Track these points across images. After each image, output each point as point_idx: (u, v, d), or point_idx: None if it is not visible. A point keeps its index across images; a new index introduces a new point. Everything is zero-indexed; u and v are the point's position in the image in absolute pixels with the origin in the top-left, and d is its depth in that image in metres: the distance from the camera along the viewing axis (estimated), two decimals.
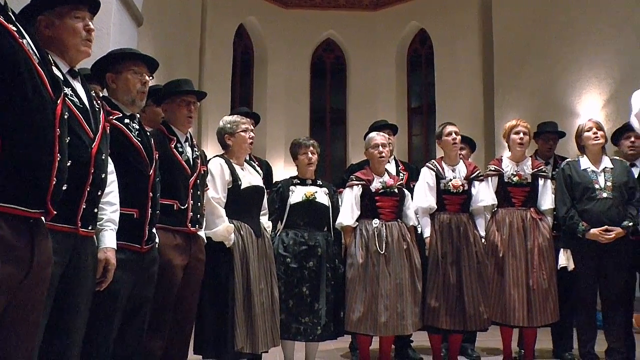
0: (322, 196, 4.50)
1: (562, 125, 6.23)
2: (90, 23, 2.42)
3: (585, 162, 4.55)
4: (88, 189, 2.27)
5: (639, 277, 4.73)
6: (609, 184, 4.41)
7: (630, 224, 4.31)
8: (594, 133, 4.52)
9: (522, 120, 4.86)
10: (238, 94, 11.37)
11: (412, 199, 4.66)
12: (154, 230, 2.94)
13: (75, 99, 2.30)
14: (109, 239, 2.52)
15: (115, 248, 2.55)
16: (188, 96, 3.54)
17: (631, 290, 4.63)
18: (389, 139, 4.90)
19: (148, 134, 2.98)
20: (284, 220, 4.44)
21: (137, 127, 2.91)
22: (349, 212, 4.45)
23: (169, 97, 3.54)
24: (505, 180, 4.71)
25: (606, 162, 4.51)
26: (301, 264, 4.30)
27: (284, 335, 4.24)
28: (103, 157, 2.38)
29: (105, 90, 3.02)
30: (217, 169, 3.91)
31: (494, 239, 4.61)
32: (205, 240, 3.63)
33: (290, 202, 4.42)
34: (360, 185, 4.50)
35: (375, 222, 4.41)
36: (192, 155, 3.49)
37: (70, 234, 2.22)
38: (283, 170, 10.40)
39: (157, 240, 3.01)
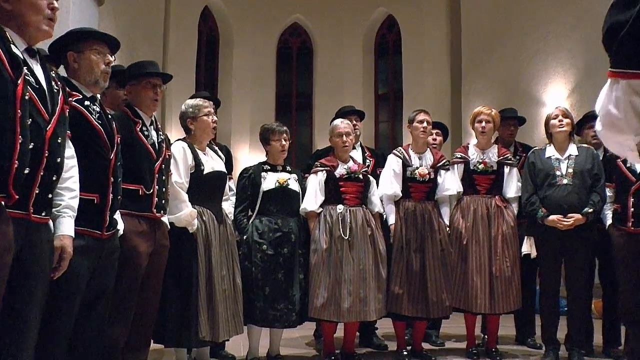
0: (293, 183, 4.52)
1: (528, 113, 6.33)
2: (54, 1, 2.32)
3: (550, 150, 4.62)
4: (41, 174, 2.20)
5: (598, 264, 4.83)
6: (570, 170, 4.48)
7: (590, 210, 4.39)
8: (559, 120, 4.59)
9: (487, 107, 4.89)
10: (202, 78, 11.26)
11: (377, 185, 4.69)
12: (115, 216, 2.89)
13: (32, 79, 2.23)
14: (66, 226, 2.45)
15: (73, 236, 2.48)
16: (154, 78, 3.50)
17: (591, 277, 4.74)
18: (355, 125, 4.92)
19: (109, 116, 2.93)
20: (257, 207, 4.43)
21: (98, 109, 2.85)
22: (312, 197, 4.46)
23: (133, 79, 3.49)
24: (471, 167, 4.77)
25: (572, 150, 4.58)
26: (276, 251, 4.32)
27: (263, 322, 4.27)
28: (59, 141, 2.31)
29: (60, 69, 2.94)
30: (180, 153, 3.87)
31: (458, 226, 4.66)
32: (169, 226, 3.60)
33: (263, 189, 4.42)
34: (324, 171, 4.51)
35: (340, 207, 4.43)
36: (157, 139, 3.45)
37: (22, 220, 2.15)
38: (248, 155, 10.36)
39: (119, 227, 2.97)
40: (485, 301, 4.52)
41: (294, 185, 4.51)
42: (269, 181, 4.44)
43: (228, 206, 4.29)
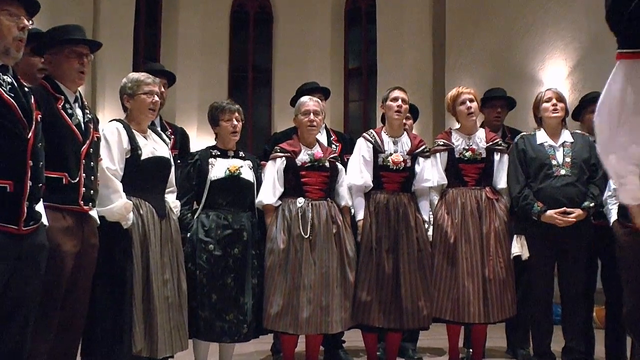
0: (247, 171, 4.50)
1: (523, 94, 6.39)
2: None
3: (542, 136, 4.66)
4: None
5: (601, 266, 4.91)
6: (567, 160, 4.55)
7: (592, 204, 4.46)
8: (553, 105, 4.64)
9: (464, 87, 4.94)
10: (142, 47, 11.15)
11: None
12: (37, 207, 2.85)
13: None
14: None
15: None
16: (79, 46, 3.45)
17: (592, 281, 4.82)
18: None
19: (26, 89, 2.88)
20: (203, 200, 4.40)
21: (10, 80, 2.80)
22: (270, 188, 4.46)
23: (54, 46, 3.43)
24: (456, 156, 4.77)
25: (566, 136, 4.64)
26: (225, 251, 4.29)
27: (208, 336, 4.25)
28: None
29: None
30: (114, 135, 3.83)
31: (443, 224, 4.67)
32: (98, 222, 3.56)
33: (211, 178, 4.39)
34: (284, 158, 4.51)
35: (300, 201, 4.44)
36: (84, 119, 3.42)
37: None
38: (196, 139, 10.28)
39: (43, 221, 2.92)
40: (478, 309, 4.55)
41: (248, 174, 4.49)
42: (218, 169, 4.42)
43: (174, 199, 4.24)
